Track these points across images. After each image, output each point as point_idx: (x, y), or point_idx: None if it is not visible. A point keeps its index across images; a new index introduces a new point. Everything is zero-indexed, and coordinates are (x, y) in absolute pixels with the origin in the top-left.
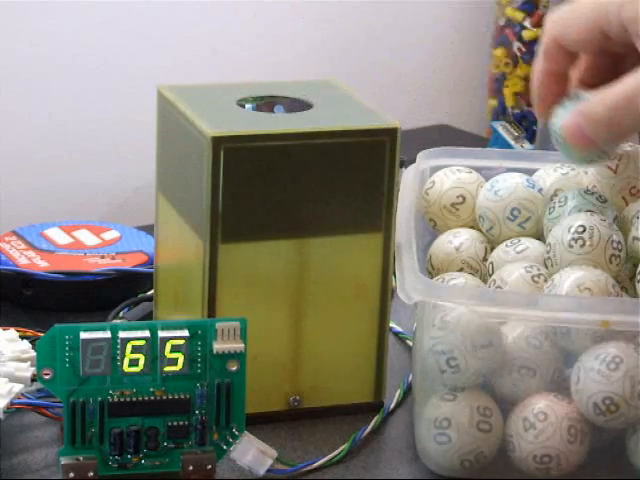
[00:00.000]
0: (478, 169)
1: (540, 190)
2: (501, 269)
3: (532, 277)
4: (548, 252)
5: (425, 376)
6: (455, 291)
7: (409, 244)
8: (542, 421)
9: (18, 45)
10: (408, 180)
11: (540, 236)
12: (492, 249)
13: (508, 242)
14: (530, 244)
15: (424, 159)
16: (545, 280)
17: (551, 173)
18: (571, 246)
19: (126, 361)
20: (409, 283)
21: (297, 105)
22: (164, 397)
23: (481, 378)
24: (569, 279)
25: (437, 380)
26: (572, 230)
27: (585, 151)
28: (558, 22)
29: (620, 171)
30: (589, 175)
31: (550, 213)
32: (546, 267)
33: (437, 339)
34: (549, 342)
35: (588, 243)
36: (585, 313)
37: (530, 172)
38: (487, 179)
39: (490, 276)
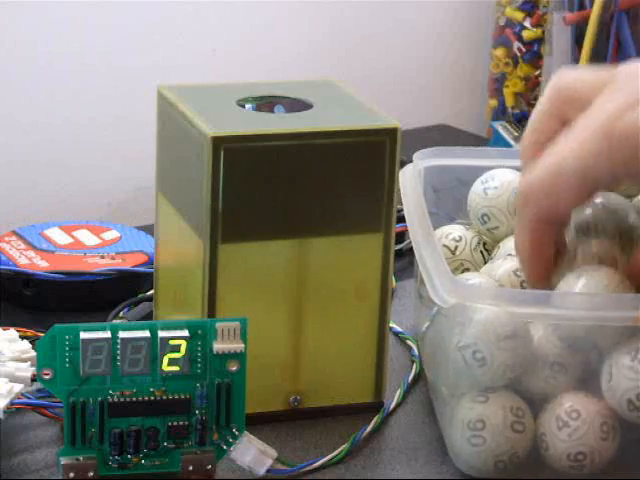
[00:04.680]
0: (475, 169)
1: None
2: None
3: (514, 272)
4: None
5: (455, 376)
6: (492, 293)
7: (432, 244)
8: (575, 419)
9: (18, 45)
10: (407, 180)
11: None
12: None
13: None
14: None
15: (420, 159)
16: None
17: None
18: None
19: (126, 361)
20: (442, 286)
21: (297, 105)
22: (164, 397)
23: (509, 373)
24: (590, 278)
25: (466, 378)
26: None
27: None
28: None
29: None
30: None
31: None
32: None
33: (460, 334)
34: (578, 340)
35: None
36: (619, 310)
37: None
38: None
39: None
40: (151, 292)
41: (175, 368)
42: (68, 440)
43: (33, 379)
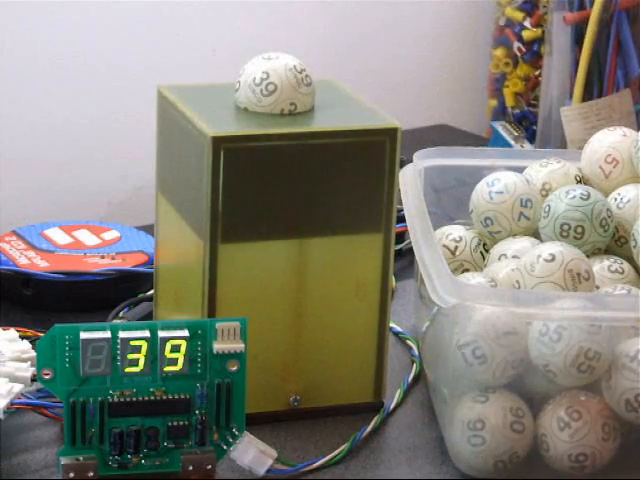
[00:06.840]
0: (475, 168)
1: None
2: (489, 267)
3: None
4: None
5: (455, 376)
6: (492, 293)
7: (432, 244)
8: (577, 420)
9: (18, 45)
10: (408, 180)
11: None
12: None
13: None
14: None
15: (421, 159)
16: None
17: (538, 169)
18: None
19: (126, 361)
20: (442, 286)
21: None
22: (164, 397)
23: (510, 370)
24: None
25: (466, 378)
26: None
27: None
28: None
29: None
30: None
31: (545, 217)
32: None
33: (460, 334)
34: (577, 339)
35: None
36: (618, 310)
37: (521, 170)
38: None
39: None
40: (151, 292)
41: (175, 368)
42: (68, 440)
43: (33, 379)
